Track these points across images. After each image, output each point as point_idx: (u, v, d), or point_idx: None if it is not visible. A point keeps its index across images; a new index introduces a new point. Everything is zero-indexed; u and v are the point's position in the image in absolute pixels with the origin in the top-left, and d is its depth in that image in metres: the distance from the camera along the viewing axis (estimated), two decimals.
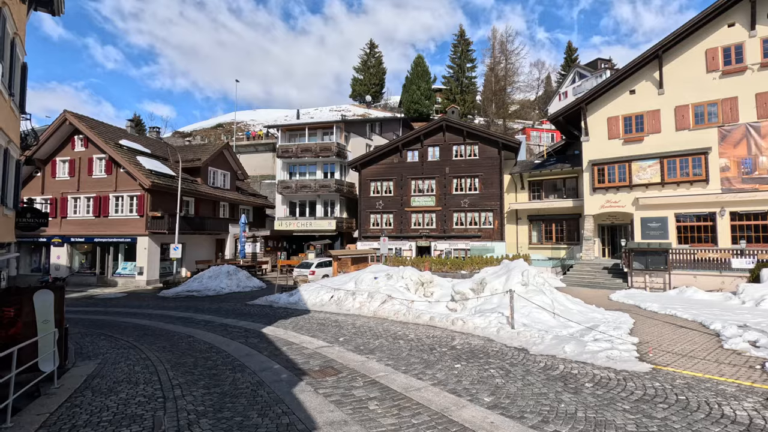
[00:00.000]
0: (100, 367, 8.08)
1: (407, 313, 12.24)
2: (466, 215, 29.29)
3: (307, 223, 34.28)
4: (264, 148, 54.45)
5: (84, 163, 26.14)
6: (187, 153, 31.42)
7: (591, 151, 24.19)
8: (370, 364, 7.81)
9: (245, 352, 9.12)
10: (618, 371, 6.80)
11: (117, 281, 25.24)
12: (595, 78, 53.74)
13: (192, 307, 16.72)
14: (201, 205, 29.22)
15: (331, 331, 11.21)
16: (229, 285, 21.88)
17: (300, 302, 16.03)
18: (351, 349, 9.05)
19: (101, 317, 15.20)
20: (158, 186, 24.62)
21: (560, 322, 10.40)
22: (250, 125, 72.09)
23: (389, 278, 15.22)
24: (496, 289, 12.08)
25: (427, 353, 8.46)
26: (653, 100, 22.52)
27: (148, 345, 10.06)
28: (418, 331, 10.63)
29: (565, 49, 76.03)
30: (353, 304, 14.27)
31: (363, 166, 31.68)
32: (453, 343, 9.17)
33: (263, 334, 11.04)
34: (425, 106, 66.28)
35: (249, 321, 13.22)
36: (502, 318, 10.19)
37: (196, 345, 9.96)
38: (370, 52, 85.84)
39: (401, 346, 9.19)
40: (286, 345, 9.71)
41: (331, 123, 35.07)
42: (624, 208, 23.11)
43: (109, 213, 25.41)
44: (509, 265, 12.89)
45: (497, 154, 28.72)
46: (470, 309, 11.96)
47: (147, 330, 12.22)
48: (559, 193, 28.55)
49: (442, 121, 29.89)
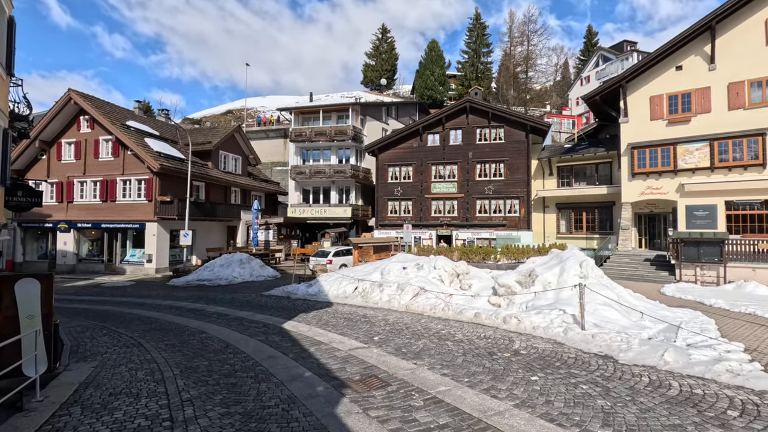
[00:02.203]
0: (96, 372, 6.75)
1: (446, 308, 10.78)
2: (490, 203, 27.63)
3: (321, 210, 32.87)
4: (275, 134, 53.00)
5: (90, 145, 24.90)
6: (197, 136, 30.07)
7: (630, 134, 22.31)
8: (423, 373, 6.37)
9: (267, 353, 7.75)
10: (760, 392, 5.25)
11: (125, 269, 24.14)
12: (621, 61, 51.16)
13: (203, 298, 15.46)
14: (212, 191, 27.93)
15: (361, 328, 9.80)
16: (241, 274, 20.63)
17: (320, 294, 14.67)
18: (392, 352, 7.63)
19: (106, 308, 13.98)
20: (167, 169, 23.32)
21: (632, 321, 8.87)
22: (260, 111, 70.63)
23: (419, 269, 13.76)
24: (549, 282, 10.54)
25: (487, 359, 7.00)
26: (703, 77, 20.53)
27: (154, 342, 8.75)
28: (464, 330, 9.16)
29: (585, 33, 72.93)
30: (381, 296, 12.85)
31: (380, 151, 30.08)
32: (514, 347, 7.69)
33: (285, 331, 9.68)
34: (439, 93, 64.10)
35: (266, 314, 11.89)
36: (565, 317, 8.67)
37: (209, 343, 8.62)
38: (383, 37, 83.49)
39: (451, 348, 7.75)
40: (314, 345, 8.32)
41: (347, 105, 33.41)
42: (666, 195, 21.30)
43: (117, 197, 24.22)
44: (561, 255, 11.33)
45: (524, 137, 26.91)
46: (519, 305, 10.47)
47: (154, 323, 10.93)
48: (589, 180, 26.73)
49: (465, 103, 28.09)
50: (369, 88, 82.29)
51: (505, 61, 62.34)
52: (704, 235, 17.25)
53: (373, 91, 79.92)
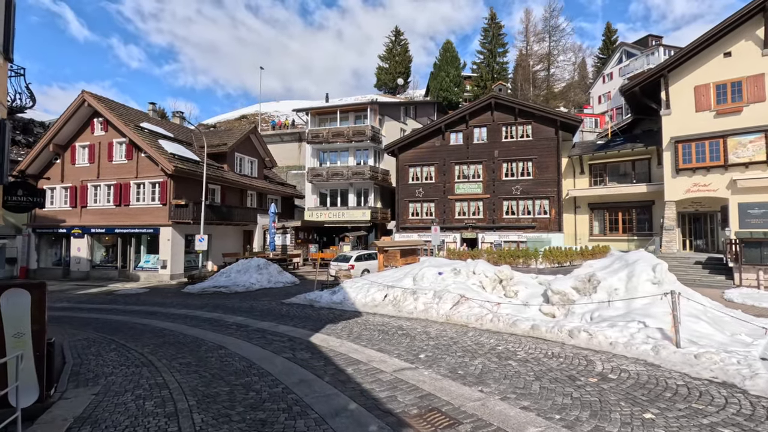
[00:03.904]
0: (96, 402, 5.62)
1: (495, 319, 9.45)
2: (517, 203, 26.15)
3: (339, 213, 31.78)
4: (290, 137, 52.33)
5: (104, 148, 24.24)
6: (212, 138, 29.30)
7: (673, 127, 20.70)
8: (496, 405, 5.08)
9: (298, 375, 6.53)
10: None
11: (139, 275, 23.30)
12: (646, 56, 49.20)
13: (220, 306, 14.37)
14: (227, 194, 27.04)
15: (401, 342, 8.53)
16: (259, 280, 19.55)
17: (346, 302, 13.45)
18: (447, 375, 6.35)
19: (117, 317, 12.98)
20: (182, 171, 22.46)
21: (728, 336, 7.43)
22: (274, 116, 70.23)
23: (457, 274, 12.45)
24: (616, 289, 9.13)
25: (570, 386, 5.67)
26: (755, 63, 18.88)
27: (167, 361, 7.61)
28: (524, 347, 7.82)
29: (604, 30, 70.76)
30: (416, 305, 11.57)
31: (401, 151, 28.87)
32: (596, 369, 6.33)
33: (313, 346, 8.47)
34: (455, 94, 62.88)
35: (290, 325, 10.71)
36: (649, 331, 7.28)
37: (229, 362, 7.45)
38: (396, 40, 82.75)
39: (518, 370, 6.43)
40: (350, 364, 7.09)
41: (365, 105, 32.34)
42: (716, 193, 19.61)
43: (130, 201, 23.44)
44: (627, 258, 9.90)
45: (554, 134, 25.42)
46: (580, 315, 9.08)
47: (168, 336, 9.83)
48: (625, 178, 25.08)
49: (490, 98, 26.74)
50: (383, 91, 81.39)
51: (521, 61, 60.79)
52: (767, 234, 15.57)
53: (386, 94, 78.95)
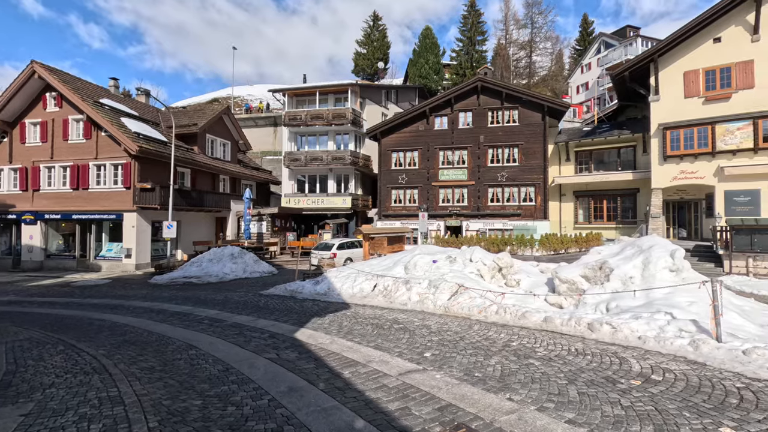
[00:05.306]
0: (24, 426, 4.37)
1: (501, 311, 8.60)
2: (503, 190, 25.57)
3: (318, 200, 30.46)
4: (264, 122, 50.18)
5: (58, 126, 21.99)
6: (181, 118, 27.27)
7: (662, 113, 20.40)
8: (537, 419, 4.17)
9: (286, 381, 5.46)
10: None
11: (101, 265, 21.42)
12: (624, 47, 49.52)
13: (191, 299, 13.03)
14: (198, 178, 25.24)
15: (400, 338, 7.56)
16: (234, 270, 18.19)
17: (331, 293, 12.37)
18: (463, 378, 5.42)
19: (71, 312, 11.48)
20: (147, 152, 20.60)
21: (760, 328, 6.81)
22: (247, 99, 67.43)
23: (452, 262, 11.56)
24: (631, 277, 8.43)
25: (613, 391, 4.83)
26: (745, 49, 18.68)
27: (125, 365, 6.37)
28: (541, 342, 6.99)
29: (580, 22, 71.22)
30: (409, 296, 10.63)
31: (383, 135, 27.71)
32: (634, 368, 5.54)
33: (300, 344, 7.39)
34: (434, 81, 61.92)
35: (271, 319, 9.57)
36: (681, 323, 6.56)
37: (201, 365, 6.29)
38: (374, 25, 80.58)
39: (545, 371, 5.56)
40: (347, 366, 6.06)
41: (345, 86, 30.89)
42: (703, 180, 19.49)
43: (90, 185, 21.41)
44: (640, 244, 9.23)
45: (541, 119, 24.87)
46: (592, 306, 8.34)
47: (129, 334, 8.53)
48: (610, 165, 24.84)
49: (476, 81, 25.88)
50: (360, 77, 79.50)
51: (500, 50, 60.24)
52: (760, 221, 15.41)
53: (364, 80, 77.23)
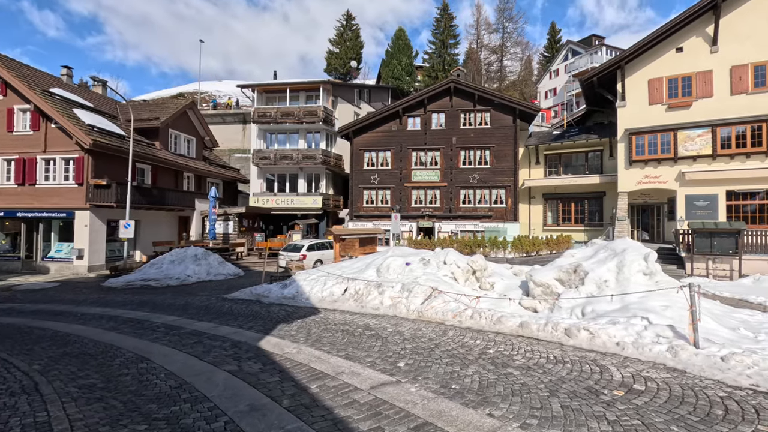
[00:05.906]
0: None
1: (476, 315, 8.35)
2: (474, 192, 25.64)
3: (288, 200, 29.63)
4: (233, 119, 48.76)
5: (2, 116, 20.28)
6: (141, 112, 25.81)
7: (628, 119, 20.97)
8: None
9: (246, 400, 4.94)
10: None
11: (49, 267, 19.87)
12: (590, 55, 51.25)
13: (148, 303, 12.15)
14: (160, 175, 23.93)
15: (372, 346, 7.15)
16: (197, 272, 17.25)
17: (300, 297, 11.82)
18: (439, 391, 5.07)
19: (9, 320, 10.41)
20: (103, 146, 19.29)
21: (731, 331, 6.84)
22: (216, 95, 65.25)
23: (426, 264, 11.26)
24: (606, 280, 8.38)
25: (597, 404, 4.60)
26: (705, 59, 19.44)
27: (62, 383, 5.65)
28: (518, 349, 6.75)
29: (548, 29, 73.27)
30: (381, 300, 10.24)
31: (356, 134, 27.25)
32: (615, 378, 5.35)
33: (265, 353, 6.86)
34: (406, 83, 62.13)
35: (234, 326, 8.95)
36: (657, 329, 6.48)
37: (151, 381, 5.66)
38: (347, 24, 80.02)
39: (524, 382, 5.30)
40: (314, 379, 5.60)
41: (317, 84, 30.23)
42: (666, 185, 20.14)
43: (37, 180, 19.84)
44: (614, 247, 9.22)
45: (512, 122, 25.11)
46: (567, 310, 8.23)
47: (72, 345, 7.71)
48: (578, 169, 25.39)
49: (449, 83, 25.86)
50: (333, 76, 78.65)
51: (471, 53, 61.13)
52: (719, 225, 15.99)
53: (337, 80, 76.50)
